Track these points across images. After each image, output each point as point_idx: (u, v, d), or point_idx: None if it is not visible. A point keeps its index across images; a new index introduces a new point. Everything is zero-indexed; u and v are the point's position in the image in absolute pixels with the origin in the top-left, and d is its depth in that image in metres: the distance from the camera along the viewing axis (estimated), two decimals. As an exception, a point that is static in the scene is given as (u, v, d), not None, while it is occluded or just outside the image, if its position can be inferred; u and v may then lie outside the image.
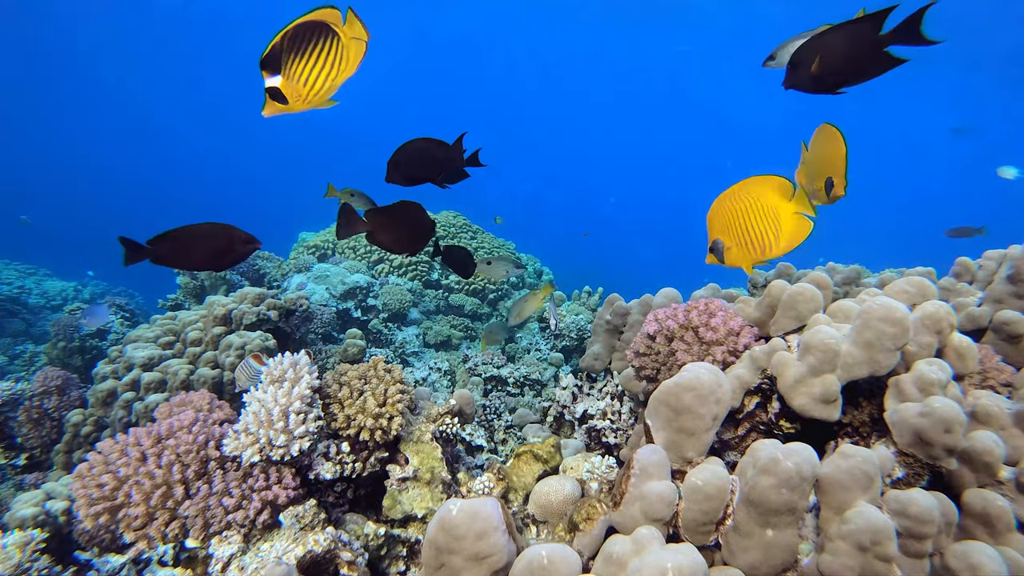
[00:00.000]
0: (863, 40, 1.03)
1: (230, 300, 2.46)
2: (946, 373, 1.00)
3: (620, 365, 1.79)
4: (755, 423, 1.19)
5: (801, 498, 0.88)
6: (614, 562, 0.83)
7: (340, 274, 3.69)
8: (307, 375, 1.38)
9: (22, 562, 1.42)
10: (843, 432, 1.12)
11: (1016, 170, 3.79)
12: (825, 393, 1.04)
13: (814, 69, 1.07)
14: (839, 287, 1.69)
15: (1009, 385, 1.14)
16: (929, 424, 0.92)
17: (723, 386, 1.04)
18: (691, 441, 1.03)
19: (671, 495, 0.93)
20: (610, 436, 1.72)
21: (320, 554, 1.18)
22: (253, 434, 1.28)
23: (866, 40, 1.02)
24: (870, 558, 0.82)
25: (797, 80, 1.10)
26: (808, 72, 1.08)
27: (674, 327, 1.33)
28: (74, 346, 3.12)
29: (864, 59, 1.04)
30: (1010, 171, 3.87)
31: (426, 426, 1.55)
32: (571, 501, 1.30)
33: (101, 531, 1.56)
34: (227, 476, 1.28)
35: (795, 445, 0.91)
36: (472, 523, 0.84)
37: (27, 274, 5.62)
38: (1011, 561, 0.83)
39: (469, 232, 4.38)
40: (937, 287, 1.37)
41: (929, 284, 1.21)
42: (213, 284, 3.40)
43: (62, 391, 2.38)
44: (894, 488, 0.96)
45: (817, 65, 1.06)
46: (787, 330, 1.23)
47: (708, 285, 1.75)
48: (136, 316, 4.03)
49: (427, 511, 1.42)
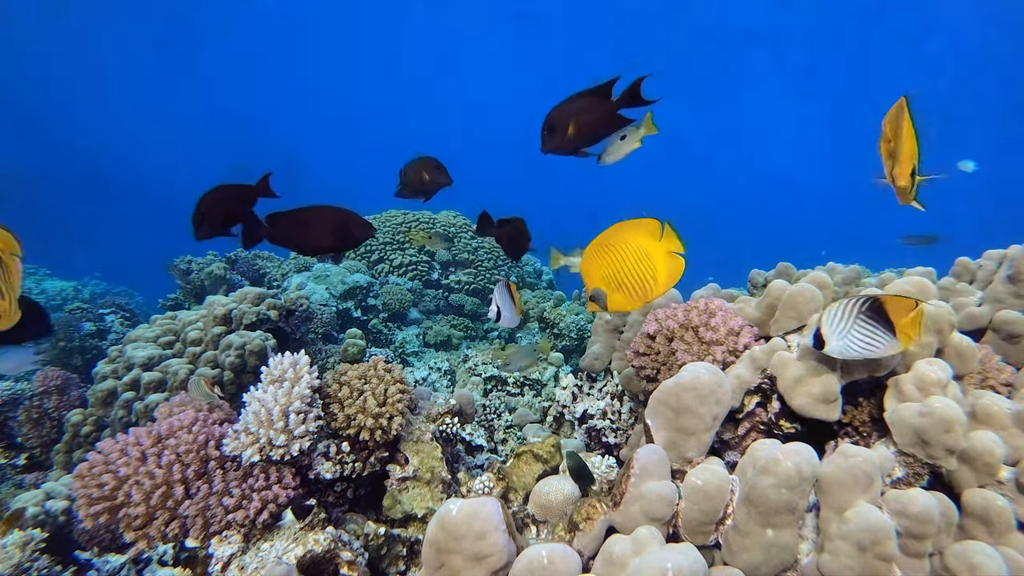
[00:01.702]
0: (601, 106, 1.22)
1: (230, 300, 2.46)
2: (946, 373, 1.00)
3: (620, 365, 1.79)
4: (755, 423, 1.19)
5: (801, 498, 0.88)
6: (614, 562, 0.83)
7: (340, 274, 3.69)
8: (307, 375, 1.38)
9: (22, 562, 1.42)
10: (843, 432, 1.12)
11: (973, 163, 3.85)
12: (825, 393, 1.04)
13: (571, 132, 1.21)
14: (839, 287, 1.69)
15: (1009, 385, 1.14)
16: (929, 424, 0.92)
17: (723, 386, 1.04)
18: (691, 441, 1.03)
19: (671, 495, 0.93)
20: (610, 436, 1.72)
21: (320, 554, 1.18)
22: (253, 434, 1.28)
23: (603, 106, 1.22)
24: (870, 558, 0.82)
25: (556, 144, 1.23)
26: (564, 136, 1.23)
27: (674, 327, 1.33)
28: (74, 346, 3.13)
29: (602, 122, 1.24)
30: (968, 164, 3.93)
31: (426, 426, 1.55)
32: (571, 501, 1.30)
33: (101, 531, 1.56)
34: (227, 476, 1.28)
35: (795, 445, 0.91)
36: (472, 523, 0.84)
37: (27, 274, 5.62)
38: (1011, 561, 0.83)
39: (469, 232, 4.38)
40: (937, 287, 1.37)
41: (929, 284, 1.21)
42: (213, 284, 3.40)
43: (62, 391, 2.38)
44: (894, 488, 0.96)
45: (573, 128, 1.21)
46: (787, 330, 1.23)
47: (708, 285, 1.75)
48: (136, 316, 4.03)
49: (427, 511, 1.42)
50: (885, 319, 0.93)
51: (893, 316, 0.93)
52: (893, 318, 0.93)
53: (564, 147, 1.24)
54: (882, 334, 0.94)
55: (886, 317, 0.93)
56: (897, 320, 0.93)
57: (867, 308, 0.94)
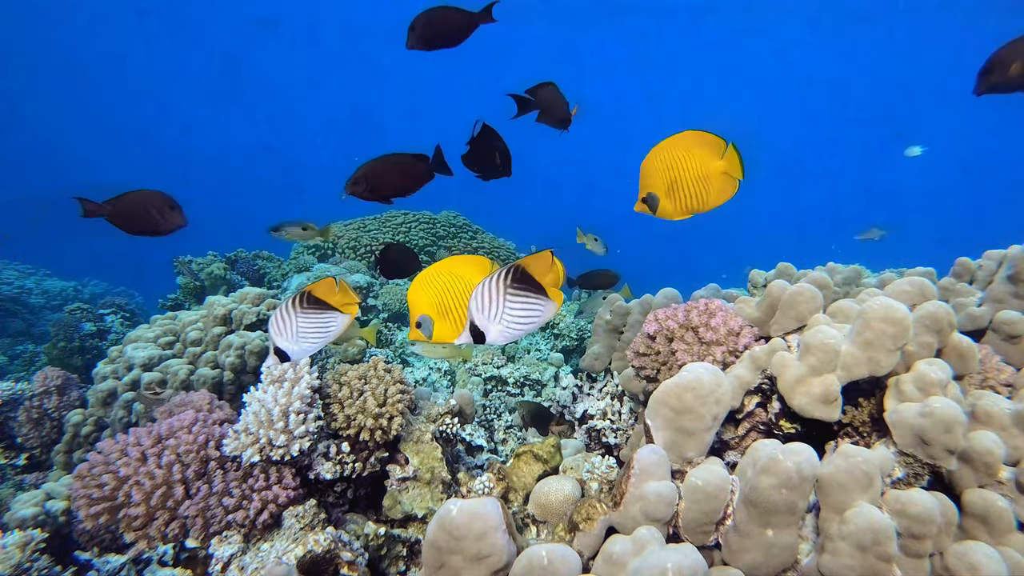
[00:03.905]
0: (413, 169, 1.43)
1: (230, 300, 2.46)
2: (946, 373, 1.00)
3: (620, 365, 1.79)
4: (755, 423, 1.19)
5: (801, 498, 0.88)
6: (614, 562, 0.83)
7: (340, 274, 3.69)
8: (307, 375, 1.38)
9: (22, 562, 1.42)
10: (843, 432, 1.12)
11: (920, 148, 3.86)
12: (825, 393, 1.04)
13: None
14: (839, 287, 1.69)
15: (1009, 385, 1.14)
16: (929, 424, 0.92)
17: (723, 386, 1.04)
18: (691, 441, 1.03)
19: (671, 495, 0.93)
20: (610, 436, 1.72)
21: (320, 554, 1.18)
22: (253, 434, 1.28)
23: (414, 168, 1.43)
24: (870, 558, 0.82)
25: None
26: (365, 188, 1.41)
27: (674, 327, 1.33)
28: (74, 346, 3.13)
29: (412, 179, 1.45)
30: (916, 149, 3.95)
31: (426, 426, 1.55)
32: (571, 501, 1.30)
33: (101, 531, 1.56)
34: (227, 476, 1.28)
35: (795, 445, 0.91)
36: (472, 523, 0.84)
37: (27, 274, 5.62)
38: (1011, 561, 0.83)
39: (469, 232, 4.38)
40: (937, 287, 1.37)
41: (929, 284, 1.21)
42: (213, 284, 3.40)
43: (62, 391, 2.38)
44: (894, 488, 0.96)
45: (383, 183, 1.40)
46: (787, 330, 1.23)
47: (708, 285, 1.75)
48: (136, 316, 4.04)
49: (427, 511, 1.42)
50: (532, 283, 0.88)
51: (539, 277, 0.88)
52: (539, 279, 0.88)
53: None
54: (535, 299, 0.88)
55: (532, 281, 0.88)
56: (543, 279, 0.88)
57: (512, 280, 0.88)
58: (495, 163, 1.56)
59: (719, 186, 1.16)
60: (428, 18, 1.39)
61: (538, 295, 0.88)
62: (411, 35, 1.40)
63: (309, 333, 0.97)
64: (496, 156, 1.55)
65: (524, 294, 0.87)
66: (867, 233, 4.02)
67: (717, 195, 1.16)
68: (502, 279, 0.87)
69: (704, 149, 1.14)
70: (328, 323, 0.99)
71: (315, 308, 0.97)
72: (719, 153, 1.14)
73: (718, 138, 1.15)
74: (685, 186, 1.14)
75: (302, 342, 0.98)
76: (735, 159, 1.14)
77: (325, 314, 0.98)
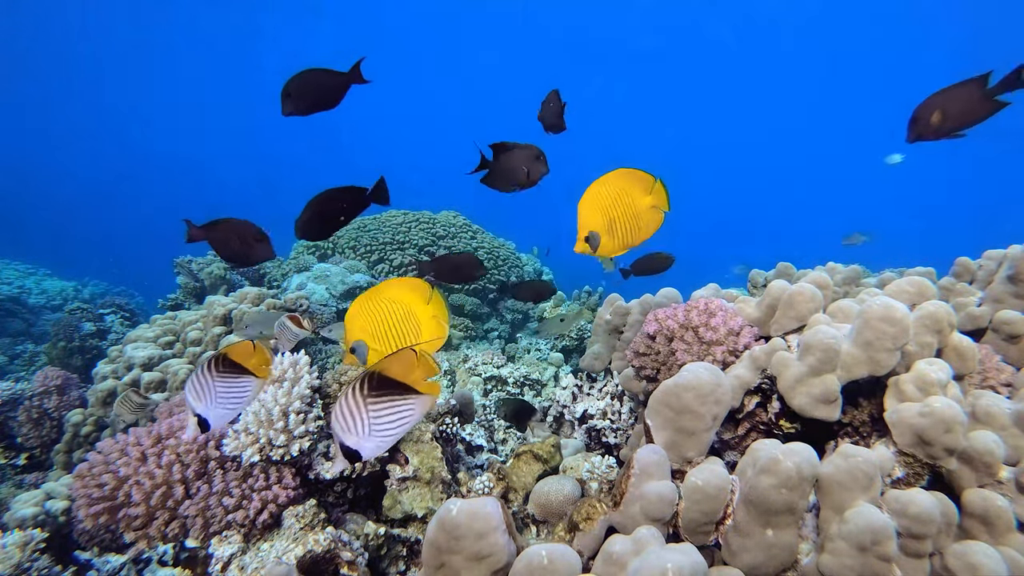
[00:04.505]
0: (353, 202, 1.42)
1: (230, 300, 2.46)
2: (946, 373, 1.00)
3: (620, 365, 1.79)
4: (755, 423, 1.19)
5: (801, 498, 0.88)
6: (614, 562, 0.83)
7: (340, 274, 3.69)
8: (307, 375, 1.38)
9: (22, 562, 1.42)
10: (843, 432, 1.12)
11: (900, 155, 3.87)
12: (825, 393, 1.04)
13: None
14: (839, 287, 1.69)
15: (1009, 385, 1.14)
16: (929, 424, 0.92)
17: (723, 386, 1.04)
18: (691, 441, 1.03)
19: (671, 495, 0.93)
20: (610, 436, 1.72)
21: (320, 554, 1.18)
22: (253, 434, 1.28)
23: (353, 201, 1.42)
24: (870, 558, 0.82)
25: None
26: None
27: (674, 327, 1.33)
28: (74, 346, 3.13)
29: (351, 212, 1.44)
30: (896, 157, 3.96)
31: (426, 426, 1.55)
32: (571, 501, 1.30)
33: (101, 531, 1.56)
34: (227, 476, 1.28)
35: (795, 445, 0.91)
36: (472, 523, 0.84)
37: (27, 274, 5.62)
38: (1011, 561, 0.83)
39: (469, 232, 4.38)
40: (937, 287, 1.37)
41: (929, 284, 1.21)
42: (213, 284, 3.40)
43: (62, 391, 2.38)
44: (894, 488, 0.96)
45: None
46: (787, 330, 1.23)
47: (708, 285, 1.75)
48: (136, 316, 4.04)
49: (427, 511, 1.42)
50: (394, 386, 0.84)
51: (402, 376, 0.85)
52: (403, 378, 0.85)
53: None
54: (402, 401, 0.84)
55: (393, 384, 0.84)
56: (407, 377, 0.86)
57: (370, 390, 0.83)
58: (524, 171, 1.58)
59: (649, 220, 1.22)
60: (301, 84, 1.39)
61: (404, 396, 0.84)
62: (286, 102, 1.40)
63: (225, 398, 0.92)
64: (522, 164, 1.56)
65: (388, 400, 0.83)
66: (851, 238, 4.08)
67: (648, 228, 1.22)
68: (359, 391, 0.82)
69: (635, 186, 1.19)
70: (243, 388, 0.93)
71: (231, 372, 0.92)
72: (648, 188, 1.20)
73: (646, 174, 1.20)
74: (621, 223, 1.19)
75: (219, 407, 0.91)
76: (662, 193, 1.21)
77: (241, 379, 0.93)
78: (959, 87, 1.24)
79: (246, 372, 0.94)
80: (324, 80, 1.42)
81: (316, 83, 1.41)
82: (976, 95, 1.22)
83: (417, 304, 1.17)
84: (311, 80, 1.40)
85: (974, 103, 1.22)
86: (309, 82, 1.40)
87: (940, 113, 1.24)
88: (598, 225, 1.18)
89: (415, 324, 1.16)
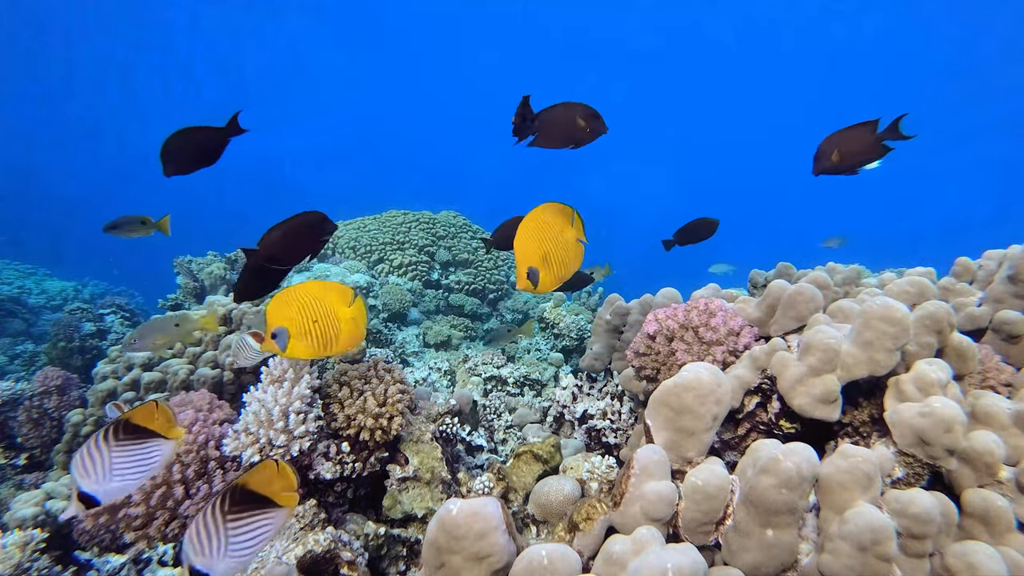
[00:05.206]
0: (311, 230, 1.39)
1: (230, 300, 2.46)
2: (946, 373, 1.00)
3: (620, 365, 1.79)
4: (755, 423, 1.19)
5: (801, 498, 0.88)
6: (614, 562, 0.83)
7: (340, 274, 3.69)
8: (307, 375, 1.38)
9: (22, 562, 1.42)
10: (843, 432, 1.12)
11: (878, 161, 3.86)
12: (825, 393, 1.04)
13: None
14: (839, 287, 1.69)
15: (1009, 385, 1.14)
16: (929, 424, 0.92)
17: (723, 386, 1.04)
18: (691, 441, 1.03)
19: (671, 495, 0.93)
20: (610, 436, 1.72)
21: (320, 554, 1.18)
22: (253, 434, 1.28)
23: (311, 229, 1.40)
24: (870, 558, 0.82)
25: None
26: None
27: (674, 327, 1.33)
28: (74, 346, 3.13)
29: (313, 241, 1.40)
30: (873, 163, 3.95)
31: (426, 426, 1.55)
32: (571, 501, 1.30)
33: (101, 531, 1.56)
34: (227, 476, 1.28)
35: (795, 445, 0.91)
36: (472, 523, 0.84)
37: (27, 274, 5.62)
38: (1011, 561, 0.83)
39: (469, 232, 4.38)
40: (937, 287, 1.37)
41: (929, 284, 1.21)
42: (213, 284, 3.40)
43: (62, 391, 2.38)
44: (894, 488, 0.96)
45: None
46: (787, 330, 1.23)
47: (708, 285, 1.75)
48: (136, 316, 4.03)
49: (427, 511, 1.42)
50: (254, 500, 0.80)
51: (262, 488, 0.81)
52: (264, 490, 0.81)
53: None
54: (261, 517, 0.80)
55: (254, 498, 0.80)
56: (267, 488, 0.82)
57: (231, 505, 0.78)
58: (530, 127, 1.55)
59: (576, 252, 1.24)
60: (180, 144, 1.38)
61: (264, 510, 0.80)
62: (167, 164, 1.39)
63: (126, 468, 0.84)
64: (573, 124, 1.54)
65: (247, 515, 0.78)
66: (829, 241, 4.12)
67: (576, 261, 1.24)
68: (218, 507, 0.76)
69: (560, 219, 1.21)
70: (151, 453, 0.87)
71: (134, 438, 0.85)
72: (569, 221, 1.22)
73: (566, 207, 1.22)
74: (554, 256, 1.21)
75: (116, 480, 0.83)
76: (580, 225, 1.23)
77: (147, 443, 0.86)
78: (854, 129, 1.31)
79: (153, 435, 0.87)
80: (202, 138, 1.41)
81: (194, 142, 1.40)
82: (868, 139, 1.29)
83: (338, 305, 1.20)
84: (189, 139, 1.39)
85: (866, 146, 1.30)
86: (188, 141, 1.39)
87: (838, 153, 1.32)
88: (536, 260, 1.19)
89: (335, 323, 1.19)
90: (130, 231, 1.78)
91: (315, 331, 1.17)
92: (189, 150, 1.40)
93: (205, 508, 0.76)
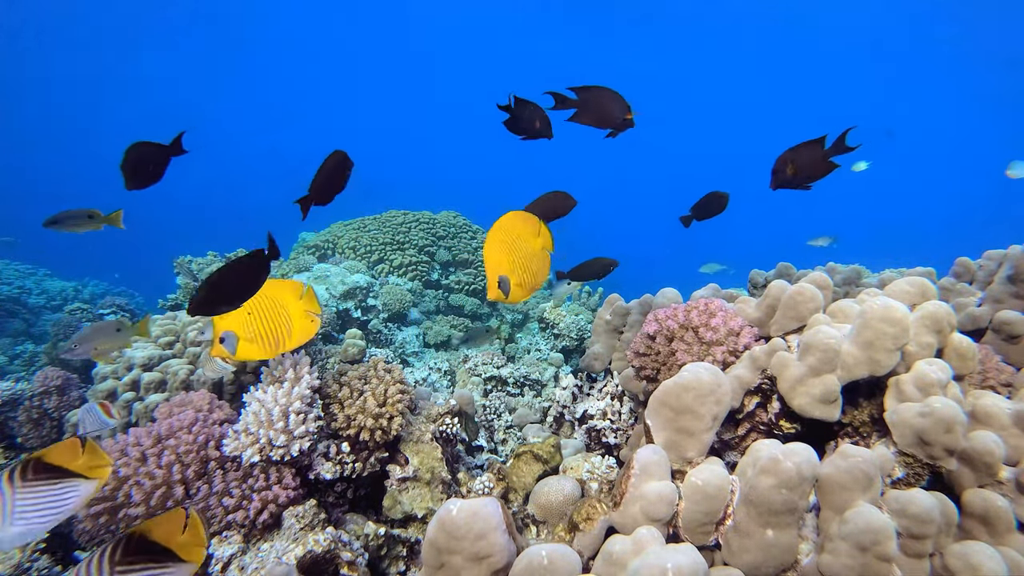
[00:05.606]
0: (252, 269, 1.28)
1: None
2: (946, 373, 1.00)
3: (620, 365, 1.79)
4: (755, 423, 1.18)
5: (801, 498, 0.88)
6: (614, 562, 0.83)
7: (340, 274, 3.69)
8: (307, 375, 1.38)
9: (22, 562, 1.42)
10: (843, 432, 1.12)
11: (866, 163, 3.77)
12: (825, 393, 1.04)
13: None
14: (839, 287, 1.69)
15: (1009, 385, 1.14)
16: (929, 424, 0.92)
17: (723, 386, 1.04)
18: (691, 441, 1.03)
19: (671, 495, 0.93)
20: (610, 436, 1.72)
21: (320, 554, 1.18)
22: (253, 434, 1.28)
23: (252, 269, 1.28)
24: (870, 558, 0.82)
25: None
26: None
27: (674, 327, 1.33)
28: (74, 346, 3.12)
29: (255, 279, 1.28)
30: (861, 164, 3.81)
31: (426, 426, 1.55)
32: (571, 501, 1.30)
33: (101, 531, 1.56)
34: (227, 476, 1.28)
35: (795, 445, 0.91)
36: (472, 523, 0.84)
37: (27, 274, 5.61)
38: (1011, 561, 0.83)
39: (469, 232, 4.38)
40: (937, 287, 1.37)
41: (929, 284, 1.21)
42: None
43: (62, 391, 2.38)
44: (894, 488, 0.96)
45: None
46: (787, 330, 1.23)
47: (708, 285, 1.75)
48: (136, 316, 4.03)
49: (427, 511, 1.42)
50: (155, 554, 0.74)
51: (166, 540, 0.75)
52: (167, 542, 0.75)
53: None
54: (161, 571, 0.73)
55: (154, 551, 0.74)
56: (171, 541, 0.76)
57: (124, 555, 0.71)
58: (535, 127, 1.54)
59: (542, 260, 1.25)
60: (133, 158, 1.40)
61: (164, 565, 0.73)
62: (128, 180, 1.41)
63: (35, 510, 0.74)
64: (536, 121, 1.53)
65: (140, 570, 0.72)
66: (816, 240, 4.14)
67: (544, 271, 1.25)
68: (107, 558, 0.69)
69: (527, 228, 1.23)
70: (65, 495, 0.77)
71: (46, 478, 0.75)
72: (536, 231, 1.24)
73: (533, 216, 1.24)
74: (520, 265, 1.22)
75: (19, 525, 0.74)
76: (548, 235, 1.25)
77: (61, 483, 0.76)
78: (805, 146, 1.34)
79: (69, 475, 0.77)
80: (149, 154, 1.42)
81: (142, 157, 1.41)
82: (818, 155, 1.32)
83: (289, 299, 1.19)
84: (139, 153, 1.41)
85: (816, 162, 1.33)
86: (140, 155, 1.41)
87: (792, 167, 1.35)
88: (506, 269, 1.20)
89: (286, 318, 1.19)
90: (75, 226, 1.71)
91: (264, 330, 1.16)
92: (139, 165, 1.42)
93: (91, 555, 0.66)
